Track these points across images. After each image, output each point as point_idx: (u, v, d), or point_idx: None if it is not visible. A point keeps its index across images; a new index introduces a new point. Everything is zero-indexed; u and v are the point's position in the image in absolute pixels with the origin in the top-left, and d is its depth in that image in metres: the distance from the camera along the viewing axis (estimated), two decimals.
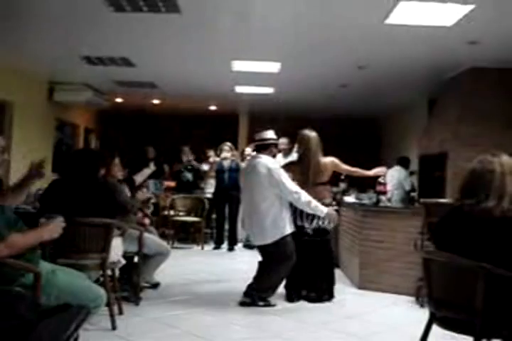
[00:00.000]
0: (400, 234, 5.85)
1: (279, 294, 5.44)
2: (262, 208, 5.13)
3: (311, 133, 5.57)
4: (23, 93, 9.24)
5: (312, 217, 5.35)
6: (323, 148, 5.60)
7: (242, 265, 7.22)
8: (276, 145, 5.50)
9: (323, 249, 5.51)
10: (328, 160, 5.62)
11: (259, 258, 5.44)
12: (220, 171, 8.82)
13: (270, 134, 5.44)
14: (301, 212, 5.32)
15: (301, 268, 5.35)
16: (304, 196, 5.10)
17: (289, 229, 5.16)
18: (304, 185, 5.36)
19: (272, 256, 5.19)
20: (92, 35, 6.84)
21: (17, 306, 2.15)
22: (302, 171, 5.49)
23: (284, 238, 5.11)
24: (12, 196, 3.49)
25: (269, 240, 5.13)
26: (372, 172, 5.94)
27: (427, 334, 3.11)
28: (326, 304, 5.37)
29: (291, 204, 5.24)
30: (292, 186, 5.12)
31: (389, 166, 8.34)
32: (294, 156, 7.10)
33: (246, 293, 5.21)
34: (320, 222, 5.39)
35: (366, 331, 4.48)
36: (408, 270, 5.57)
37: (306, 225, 5.40)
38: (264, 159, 5.24)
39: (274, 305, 5.19)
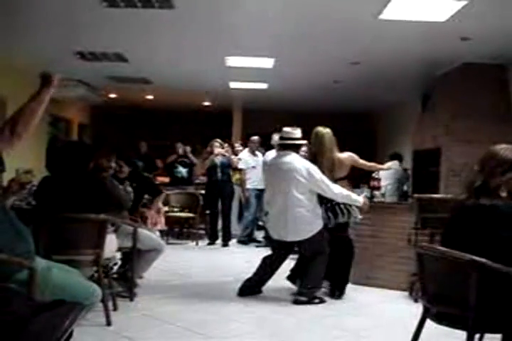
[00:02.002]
0: (393, 229, 5.86)
1: (275, 289, 5.47)
2: (300, 204, 5.13)
3: (325, 130, 5.57)
4: (16, 88, 9.16)
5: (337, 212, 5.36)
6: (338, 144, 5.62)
7: (237, 260, 7.24)
8: (302, 145, 5.49)
9: (347, 246, 5.53)
10: (346, 155, 5.64)
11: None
12: (212, 167, 8.82)
13: (299, 134, 5.40)
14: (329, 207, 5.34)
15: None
16: (343, 190, 5.21)
17: (322, 223, 5.21)
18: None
19: (311, 250, 5.22)
20: (85, 30, 6.82)
21: (11, 302, 2.15)
22: (319, 168, 5.35)
23: (320, 232, 5.17)
24: None
25: (304, 235, 5.14)
26: (386, 166, 5.99)
27: (420, 328, 3.13)
28: None
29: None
30: (332, 184, 5.17)
31: (383, 162, 8.33)
32: None
33: (301, 293, 5.18)
34: (345, 218, 5.40)
35: (360, 326, 4.49)
36: (402, 265, 5.59)
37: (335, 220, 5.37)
38: (298, 157, 5.28)
39: (325, 301, 5.20)
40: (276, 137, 8.40)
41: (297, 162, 5.20)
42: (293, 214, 5.13)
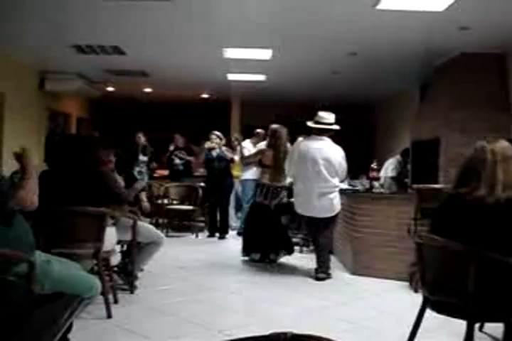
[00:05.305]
0: (393, 219, 5.87)
1: (275, 281, 5.47)
2: (334, 186, 5.85)
3: (283, 129, 6.69)
4: (14, 82, 9.17)
5: (275, 196, 6.56)
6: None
7: (236, 253, 7.24)
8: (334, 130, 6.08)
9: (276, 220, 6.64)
10: None
11: None
12: (209, 160, 8.80)
13: (333, 119, 6.00)
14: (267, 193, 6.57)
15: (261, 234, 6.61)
16: None
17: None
18: (276, 167, 6.52)
19: (327, 226, 5.93)
20: (82, 23, 6.79)
21: (10, 295, 2.15)
22: (276, 158, 6.57)
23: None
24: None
25: (333, 213, 5.90)
26: None
27: (420, 318, 3.14)
28: (321, 290, 5.41)
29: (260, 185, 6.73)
30: None
31: (382, 153, 8.33)
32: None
33: (318, 270, 5.83)
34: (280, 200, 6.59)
35: (361, 316, 4.50)
36: (401, 255, 5.59)
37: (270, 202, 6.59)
38: (334, 144, 5.94)
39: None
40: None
41: (337, 150, 5.91)
42: (322, 199, 5.81)
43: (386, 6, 5.72)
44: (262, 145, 7.30)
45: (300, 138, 6.18)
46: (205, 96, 13.44)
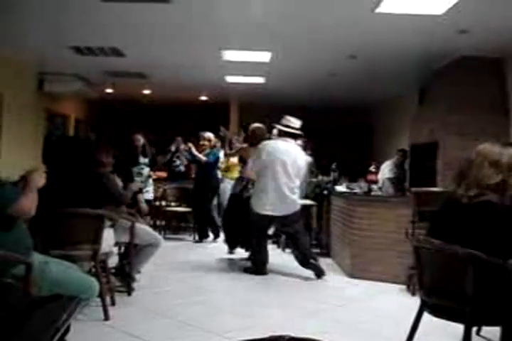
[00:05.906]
0: (391, 222, 5.87)
1: (272, 284, 5.46)
2: (297, 186, 6.10)
3: (263, 129, 6.99)
4: (13, 84, 9.17)
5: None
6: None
7: (233, 254, 7.25)
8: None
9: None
10: None
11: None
12: (196, 162, 8.71)
13: (299, 124, 6.24)
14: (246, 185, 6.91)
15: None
16: None
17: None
18: None
19: (296, 222, 6.16)
20: (81, 25, 6.80)
21: (7, 297, 2.15)
22: None
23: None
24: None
25: (293, 210, 6.07)
26: None
27: (418, 321, 3.14)
28: (318, 292, 5.41)
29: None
30: None
31: (380, 156, 8.32)
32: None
33: (308, 267, 6.01)
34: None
35: (358, 319, 4.50)
36: (399, 258, 5.59)
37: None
38: (298, 147, 6.37)
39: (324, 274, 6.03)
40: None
41: (301, 153, 6.26)
42: (291, 195, 6.03)
43: (385, 10, 5.73)
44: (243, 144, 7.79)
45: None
46: (203, 98, 13.44)
